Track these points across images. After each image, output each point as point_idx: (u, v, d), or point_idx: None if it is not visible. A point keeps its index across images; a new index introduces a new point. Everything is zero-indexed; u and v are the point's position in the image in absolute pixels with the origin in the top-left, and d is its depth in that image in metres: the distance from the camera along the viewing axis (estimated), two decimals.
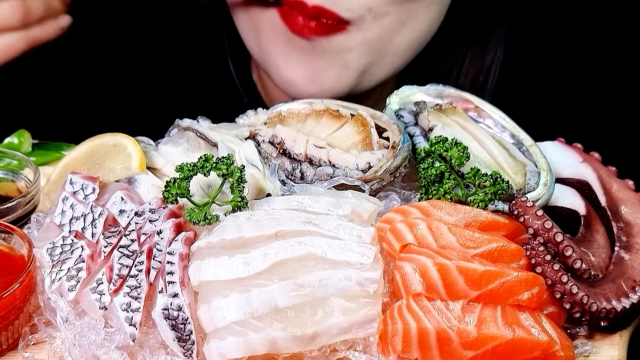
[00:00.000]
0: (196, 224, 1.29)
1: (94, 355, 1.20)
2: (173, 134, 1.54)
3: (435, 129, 1.45)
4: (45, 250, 1.27)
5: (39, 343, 1.26)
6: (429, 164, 1.37)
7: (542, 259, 1.26)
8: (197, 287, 1.21)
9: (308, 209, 1.30)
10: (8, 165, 1.55)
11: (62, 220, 1.32)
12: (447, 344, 1.17)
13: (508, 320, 1.19)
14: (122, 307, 1.20)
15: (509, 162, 1.46)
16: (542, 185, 1.41)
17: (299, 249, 1.21)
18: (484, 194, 1.34)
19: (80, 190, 1.35)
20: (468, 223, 1.31)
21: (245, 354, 1.16)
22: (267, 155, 1.46)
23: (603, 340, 1.29)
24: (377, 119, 1.49)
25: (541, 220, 1.30)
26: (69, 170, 1.43)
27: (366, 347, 1.21)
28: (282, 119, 1.54)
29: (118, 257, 1.24)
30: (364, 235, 1.25)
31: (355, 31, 1.66)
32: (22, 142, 1.66)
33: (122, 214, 1.31)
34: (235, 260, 1.20)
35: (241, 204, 1.31)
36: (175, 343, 1.18)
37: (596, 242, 1.37)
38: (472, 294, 1.21)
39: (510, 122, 1.53)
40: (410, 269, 1.22)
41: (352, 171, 1.41)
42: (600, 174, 1.47)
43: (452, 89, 1.57)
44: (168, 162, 1.46)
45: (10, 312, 1.22)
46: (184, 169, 1.30)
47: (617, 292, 1.28)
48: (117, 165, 1.44)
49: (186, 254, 1.25)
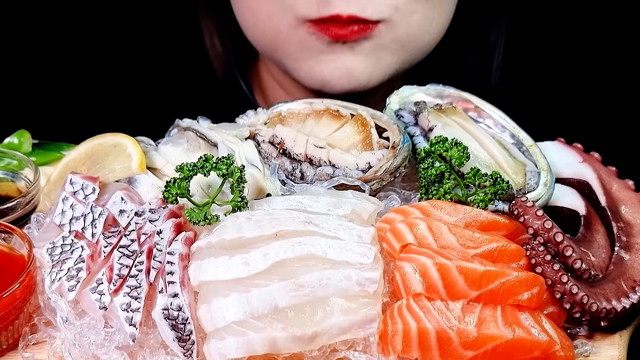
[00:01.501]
0: (196, 224, 1.29)
1: (94, 355, 1.20)
2: (173, 134, 1.54)
3: (435, 129, 1.45)
4: (45, 250, 1.27)
5: (39, 343, 1.26)
6: (429, 164, 1.37)
7: (542, 259, 1.26)
8: (197, 287, 1.21)
9: (308, 209, 1.30)
10: (8, 165, 1.55)
11: (62, 220, 1.32)
12: (447, 344, 1.17)
13: (508, 320, 1.19)
14: (122, 307, 1.20)
15: (509, 162, 1.45)
16: (542, 185, 1.41)
17: (299, 249, 1.21)
18: (484, 194, 1.34)
19: (80, 190, 1.35)
20: (468, 223, 1.31)
21: (245, 354, 1.16)
22: (267, 155, 1.46)
23: (603, 340, 1.28)
24: (377, 119, 1.49)
25: (541, 220, 1.30)
26: (69, 170, 1.43)
27: (366, 347, 1.21)
28: (282, 119, 1.54)
29: (118, 257, 1.24)
30: (364, 235, 1.25)
31: (385, 28, 1.69)
32: (22, 142, 1.67)
33: (122, 214, 1.31)
34: (235, 260, 1.20)
35: (241, 204, 1.31)
36: (175, 343, 1.18)
37: (596, 242, 1.37)
38: (472, 294, 1.21)
39: (510, 122, 1.53)
40: (410, 269, 1.22)
41: (352, 171, 1.41)
42: (600, 174, 1.47)
43: (452, 89, 1.57)
44: (168, 162, 1.46)
45: (10, 312, 1.22)
46: (184, 169, 1.31)
47: (617, 292, 1.28)
48: (117, 165, 1.44)
49: (186, 254, 1.25)
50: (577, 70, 2.09)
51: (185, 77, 2.11)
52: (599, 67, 2.09)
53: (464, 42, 2.04)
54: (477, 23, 2.02)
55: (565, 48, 2.11)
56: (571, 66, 2.10)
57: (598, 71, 2.08)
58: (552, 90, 2.09)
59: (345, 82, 1.73)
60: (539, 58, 2.11)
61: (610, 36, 2.10)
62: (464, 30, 1.99)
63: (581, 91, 2.08)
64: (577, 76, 2.08)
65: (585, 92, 2.07)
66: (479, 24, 2.03)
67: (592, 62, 2.09)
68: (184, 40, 2.11)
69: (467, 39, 2.03)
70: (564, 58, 2.11)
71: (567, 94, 2.08)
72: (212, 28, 2.06)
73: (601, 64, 2.09)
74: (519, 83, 2.07)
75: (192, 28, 2.07)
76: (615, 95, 2.08)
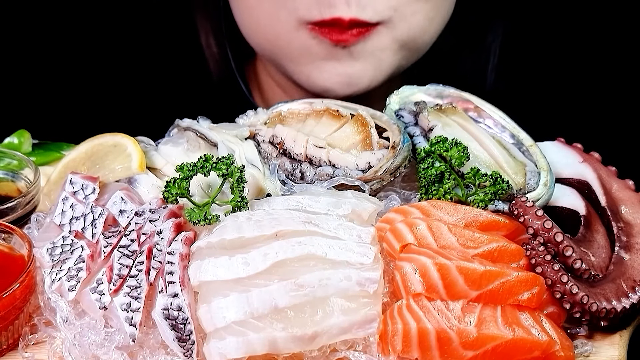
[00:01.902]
0: (196, 224, 1.29)
1: (94, 355, 1.20)
2: (173, 134, 1.54)
3: (435, 129, 1.45)
4: (45, 250, 1.27)
5: (39, 343, 1.26)
6: (429, 164, 1.37)
7: (542, 259, 1.26)
8: (197, 287, 1.21)
9: (308, 209, 1.30)
10: (8, 165, 1.55)
11: (62, 220, 1.32)
12: (447, 344, 1.17)
13: (508, 320, 1.19)
14: (122, 307, 1.20)
15: (509, 162, 1.45)
16: (542, 185, 1.41)
17: (299, 249, 1.21)
18: (484, 194, 1.34)
19: (80, 190, 1.35)
20: (468, 223, 1.31)
21: (245, 354, 1.16)
22: (267, 155, 1.46)
23: (603, 340, 1.28)
24: (377, 119, 1.49)
25: (541, 220, 1.30)
26: (69, 170, 1.43)
27: (366, 347, 1.21)
28: (282, 119, 1.54)
29: (118, 257, 1.24)
30: (364, 235, 1.25)
31: (385, 29, 1.69)
32: (22, 142, 1.66)
33: (122, 214, 1.31)
34: (235, 260, 1.20)
35: (241, 204, 1.31)
36: (175, 343, 1.18)
37: (596, 242, 1.37)
38: (472, 294, 1.21)
39: (510, 122, 1.53)
40: (410, 269, 1.22)
41: (352, 171, 1.41)
42: (600, 174, 1.47)
43: (452, 89, 1.57)
44: (168, 162, 1.46)
45: (10, 312, 1.22)
46: (184, 169, 1.31)
47: (617, 292, 1.28)
48: (117, 165, 1.44)
49: (186, 254, 1.25)
50: (577, 70, 2.09)
51: (186, 78, 2.11)
52: (598, 67, 2.09)
53: (461, 44, 2.04)
54: (474, 24, 2.02)
55: (565, 48, 2.10)
56: (571, 66, 2.10)
57: (598, 71, 2.08)
58: (551, 90, 2.09)
59: (346, 88, 1.73)
60: (538, 57, 2.11)
61: (610, 36, 2.10)
62: (461, 31, 1.99)
63: (581, 91, 2.08)
64: (576, 76, 2.08)
65: (585, 92, 2.07)
66: (476, 25, 2.03)
67: (592, 62, 2.09)
68: (183, 40, 2.11)
69: (464, 40, 2.04)
70: (564, 58, 2.11)
71: (566, 94, 2.08)
72: (208, 28, 2.06)
73: (601, 63, 2.09)
74: (519, 82, 2.07)
75: (190, 28, 2.07)
76: (615, 95, 2.08)
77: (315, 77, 1.74)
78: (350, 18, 1.64)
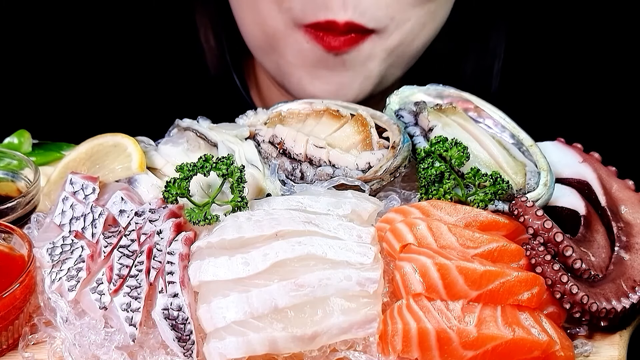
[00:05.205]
0: (196, 224, 1.29)
1: (94, 355, 1.20)
2: (173, 134, 1.54)
3: (435, 129, 1.45)
4: (45, 250, 1.27)
5: (39, 343, 1.26)
6: (429, 164, 1.37)
7: (542, 259, 1.26)
8: (197, 287, 1.21)
9: (308, 209, 1.30)
10: (8, 165, 1.55)
11: (62, 220, 1.32)
12: (447, 344, 1.17)
13: (508, 320, 1.19)
14: (122, 307, 1.20)
15: (509, 162, 1.46)
16: (542, 185, 1.41)
17: (299, 249, 1.21)
18: (484, 194, 1.34)
19: (80, 190, 1.35)
20: (468, 223, 1.31)
21: (245, 354, 1.16)
22: (267, 155, 1.47)
23: (603, 340, 1.29)
24: (377, 119, 1.49)
25: (541, 220, 1.30)
26: (69, 170, 1.43)
27: (366, 347, 1.21)
28: (282, 119, 1.54)
29: (118, 257, 1.24)
30: (364, 235, 1.25)
31: (378, 39, 1.68)
32: (22, 142, 1.67)
33: (122, 214, 1.31)
34: (235, 260, 1.20)
35: (241, 204, 1.31)
36: (175, 343, 1.18)
37: (596, 242, 1.37)
38: (472, 294, 1.21)
39: (510, 122, 1.53)
40: (410, 269, 1.22)
41: (352, 171, 1.41)
42: (600, 174, 1.47)
43: (452, 89, 1.57)
44: (168, 162, 1.46)
45: (10, 312, 1.23)
46: (184, 169, 1.31)
47: (617, 292, 1.28)
48: (117, 165, 1.44)
49: (186, 254, 1.25)
50: (577, 70, 2.09)
51: (186, 78, 2.12)
52: (598, 67, 2.09)
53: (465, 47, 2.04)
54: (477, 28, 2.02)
55: (566, 48, 2.11)
56: (571, 66, 2.10)
57: (598, 71, 2.09)
58: (551, 90, 2.09)
59: (334, 97, 1.71)
60: (538, 58, 2.11)
61: (610, 36, 2.10)
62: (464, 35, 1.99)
63: (581, 91, 2.08)
64: (577, 76, 2.08)
65: (585, 92, 2.07)
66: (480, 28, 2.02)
67: (592, 62, 2.09)
68: (183, 40, 2.11)
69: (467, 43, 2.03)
70: (564, 58, 2.11)
71: (566, 94, 2.08)
72: (207, 23, 2.06)
73: (601, 64, 2.09)
74: (519, 83, 2.07)
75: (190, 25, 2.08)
76: (615, 95, 2.08)
77: (306, 83, 1.74)
78: (345, 21, 1.63)
